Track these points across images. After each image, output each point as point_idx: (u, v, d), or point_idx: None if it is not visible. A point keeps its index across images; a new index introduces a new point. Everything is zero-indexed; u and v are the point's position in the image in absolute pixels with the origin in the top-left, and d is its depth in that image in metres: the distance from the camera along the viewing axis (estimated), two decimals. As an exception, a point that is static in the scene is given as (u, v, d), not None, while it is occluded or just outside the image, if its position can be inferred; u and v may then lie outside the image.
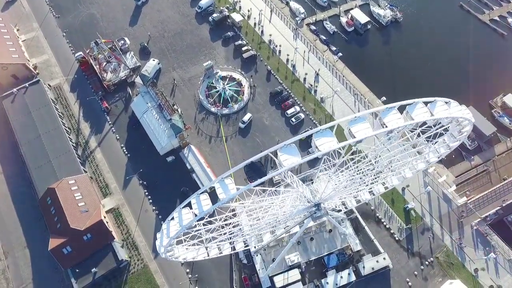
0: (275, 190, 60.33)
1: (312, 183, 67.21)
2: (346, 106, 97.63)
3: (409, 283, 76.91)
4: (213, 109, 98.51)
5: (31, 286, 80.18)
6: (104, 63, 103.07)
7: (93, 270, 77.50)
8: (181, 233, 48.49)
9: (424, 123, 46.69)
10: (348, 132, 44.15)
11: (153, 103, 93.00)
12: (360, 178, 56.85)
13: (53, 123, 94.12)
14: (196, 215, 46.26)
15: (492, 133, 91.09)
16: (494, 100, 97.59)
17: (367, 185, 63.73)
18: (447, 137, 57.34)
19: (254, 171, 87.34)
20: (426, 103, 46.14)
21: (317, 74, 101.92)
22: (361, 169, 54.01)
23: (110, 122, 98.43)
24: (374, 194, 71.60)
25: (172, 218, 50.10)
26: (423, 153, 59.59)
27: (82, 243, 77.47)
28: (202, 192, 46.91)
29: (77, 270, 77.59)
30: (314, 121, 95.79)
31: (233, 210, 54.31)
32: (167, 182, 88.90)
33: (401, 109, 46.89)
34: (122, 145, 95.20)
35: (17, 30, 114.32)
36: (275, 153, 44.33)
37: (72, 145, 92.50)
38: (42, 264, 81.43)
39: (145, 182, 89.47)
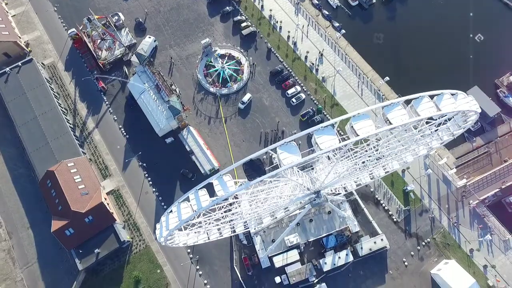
0: (275, 180, 59.84)
1: (312, 169, 66.86)
2: (348, 86, 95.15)
3: (405, 263, 78.75)
4: (212, 89, 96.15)
5: (37, 266, 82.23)
6: (98, 41, 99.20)
7: (96, 250, 79.12)
8: (180, 226, 48.57)
9: (429, 116, 45.10)
10: (350, 128, 42.84)
11: (150, 83, 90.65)
12: (362, 163, 56.13)
13: (49, 104, 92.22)
14: (195, 211, 46.07)
15: (496, 114, 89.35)
16: (500, 79, 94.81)
17: (368, 170, 63.12)
18: (451, 125, 56.00)
19: (254, 170, 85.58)
20: (432, 96, 44.37)
21: (321, 55, 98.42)
22: (363, 158, 53.09)
23: (107, 103, 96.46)
24: (374, 178, 71.41)
25: (171, 211, 50.06)
26: (426, 139, 58.41)
27: (84, 225, 78.49)
28: (200, 188, 46.48)
29: (81, 251, 79.22)
30: (315, 101, 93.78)
31: (235, 197, 53.96)
32: (166, 164, 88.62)
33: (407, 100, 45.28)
34: (120, 126, 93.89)
35: (6, 4, 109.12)
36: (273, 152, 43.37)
37: (70, 127, 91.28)
38: (46, 244, 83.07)
39: (144, 164, 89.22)
